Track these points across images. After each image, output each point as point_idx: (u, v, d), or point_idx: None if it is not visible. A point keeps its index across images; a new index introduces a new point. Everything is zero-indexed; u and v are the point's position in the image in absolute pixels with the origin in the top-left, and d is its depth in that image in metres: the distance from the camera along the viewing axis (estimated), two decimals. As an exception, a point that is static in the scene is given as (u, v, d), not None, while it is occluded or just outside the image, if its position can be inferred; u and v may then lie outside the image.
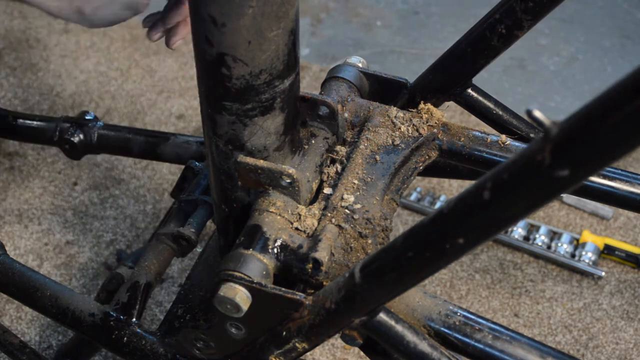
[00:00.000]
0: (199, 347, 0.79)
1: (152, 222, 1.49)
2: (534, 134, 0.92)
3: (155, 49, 1.88)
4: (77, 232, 1.47)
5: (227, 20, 0.61)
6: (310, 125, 0.81)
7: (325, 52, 1.95)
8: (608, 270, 1.42)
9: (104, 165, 1.59)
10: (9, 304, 1.35)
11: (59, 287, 0.94)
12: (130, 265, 0.99)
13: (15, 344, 1.07)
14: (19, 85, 1.77)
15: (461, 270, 1.42)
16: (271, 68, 0.66)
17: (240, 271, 0.68)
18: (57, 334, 1.31)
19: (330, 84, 0.88)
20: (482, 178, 0.49)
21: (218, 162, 0.75)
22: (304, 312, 0.69)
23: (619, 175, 0.83)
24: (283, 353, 0.74)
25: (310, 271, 0.70)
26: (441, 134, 0.84)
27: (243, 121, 0.69)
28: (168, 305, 1.35)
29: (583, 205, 1.52)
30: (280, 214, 0.73)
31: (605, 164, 0.43)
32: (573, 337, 1.32)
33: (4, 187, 1.55)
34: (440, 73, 0.90)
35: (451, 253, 0.54)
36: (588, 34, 1.99)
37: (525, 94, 1.82)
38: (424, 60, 1.90)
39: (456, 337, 0.68)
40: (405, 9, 2.08)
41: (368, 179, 0.78)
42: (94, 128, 1.22)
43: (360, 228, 0.73)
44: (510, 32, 0.82)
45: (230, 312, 0.70)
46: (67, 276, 1.40)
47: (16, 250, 1.43)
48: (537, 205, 0.47)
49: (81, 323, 0.90)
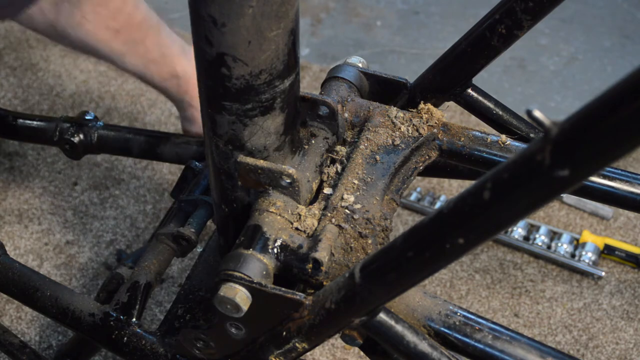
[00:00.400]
0: (199, 347, 0.79)
1: (152, 222, 1.49)
2: (534, 134, 0.92)
3: (155, 49, 1.88)
4: (77, 232, 1.47)
5: (227, 20, 0.61)
6: (310, 125, 0.81)
7: (325, 52, 1.95)
8: (608, 270, 1.42)
9: (104, 165, 1.59)
10: (9, 304, 1.35)
11: (59, 287, 0.94)
12: (130, 265, 0.98)
13: (15, 344, 1.07)
14: (19, 85, 1.77)
15: (461, 270, 1.42)
16: (271, 68, 0.66)
17: (240, 271, 0.68)
18: (57, 334, 1.31)
19: (330, 84, 0.88)
20: (482, 178, 0.49)
21: (218, 162, 0.75)
22: (304, 312, 0.69)
23: (619, 175, 0.83)
24: (283, 353, 0.74)
25: (310, 271, 0.70)
26: (441, 134, 0.84)
27: (243, 121, 0.69)
28: (168, 305, 1.35)
29: (583, 205, 1.52)
30: (281, 214, 0.73)
31: (605, 164, 0.43)
32: (573, 337, 1.32)
33: (4, 187, 1.55)
34: (440, 73, 0.90)
35: (451, 253, 0.54)
36: (588, 34, 1.99)
37: (525, 94, 1.82)
38: (424, 60, 1.90)
39: (456, 337, 0.68)
40: (405, 9, 2.08)
41: (368, 179, 0.78)
42: (94, 128, 1.22)
43: (360, 228, 0.73)
44: (510, 32, 0.82)
45: (230, 312, 0.70)
46: (67, 276, 1.40)
47: (16, 250, 1.43)
48: (537, 205, 0.47)
49: (81, 323, 0.90)
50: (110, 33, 1.09)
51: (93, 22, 1.07)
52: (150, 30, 1.13)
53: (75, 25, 1.07)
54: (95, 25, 1.08)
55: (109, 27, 1.09)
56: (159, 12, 1.44)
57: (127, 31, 1.10)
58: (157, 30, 1.14)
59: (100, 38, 1.10)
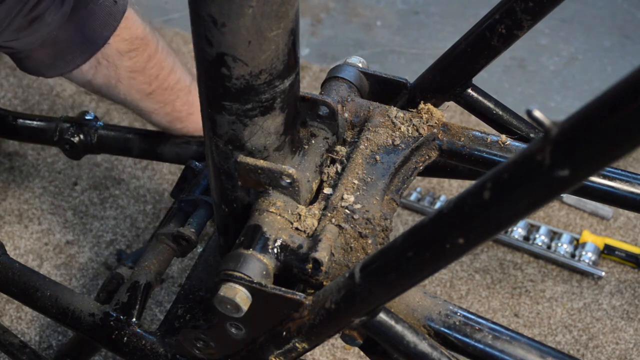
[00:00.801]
0: (199, 347, 0.79)
1: (152, 222, 1.49)
2: (534, 134, 0.92)
3: (155, 49, 1.88)
4: (77, 232, 1.47)
5: (227, 20, 0.61)
6: (310, 125, 0.81)
7: (325, 52, 1.95)
8: (608, 270, 1.42)
9: (104, 165, 1.59)
10: (9, 304, 1.35)
11: (59, 287, 0.94)
12: (130, 265, 0.99)
13: (15, 344, 1.07)
14: (19, 85, 1.77)
15: (461, 270, 1.42)
16: (271, 68, 0.66)
17: (240, 271, 0.68)
18: (57, 334, 1.31)
19: (330, 84, 0.88)
20: (482, 178, 0.49)
21: (218, 162, 0.75)
22: (304, 312, 0.69)
23: (619, 175, 0.83)
24: (283, 353, 0.74)
25: (310, 271, 0.70)
26: (441, 134, 0.84)
27: (243, 121, 0.69)
28: (168, 305, 1.35)
29: (583, 205, 1.52)
30: (281, 214, 0.73)
31: (605, 164, 0.43)
32: (573, 337, 1.32)
33: (4, 187, 1.55)
34: (440, 73, 0.90)
35: (451, 253, 0.54)
36: (588, 34, 1.99)
37: (525, 94, 1.82)
38: (424, 60, 1.90)
39: (456, 337, 0.68)
40: (405, 9, 2.08)
41: (368, 179, 0.78)
42: (94, 128, 1.22)
43: (360, 228, 0.73)
44: (510, 32, 0.82)
45: (230, 312, 0.70)
46: (67, 276, 1.40)
47: (16, 250, 1.43)
48: (537, 205, 0.47)
49: (81, 323, 0.90)
50: (142, 95, 1.13)
51: (127, 86, 1.11)
52: (181, 92, 1.16)
53: (111, 87, 1.11)
54: (130, 88, 1.12)
55: (140, 90, 1.12)
56: (159, 12, 1.44)
57: (159, 94, 1.14)
58: (187, 91, 1.17)
59: (132, 99, 1.14)
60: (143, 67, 1.10)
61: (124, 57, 1.07)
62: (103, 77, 1.10)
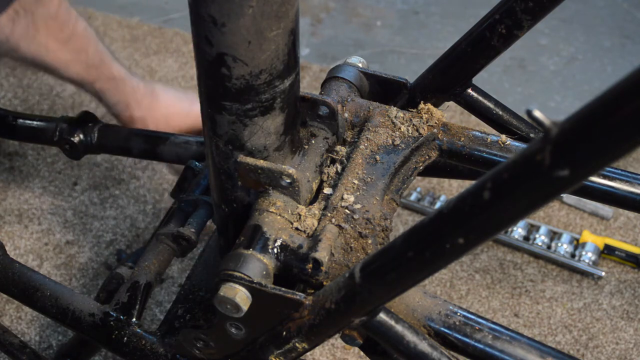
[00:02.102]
0: (199, 347, 0.79)
1: (152, 222, 1.49)
2: (534, 134, 0.92)
3: (155, 49, 1.88)
4: (77, 232, 1.47)
5: (227, 20, 0.61)
6: (310, 125, 0.81)
7: (325, 52, 1.95)
8: (608, 270, 1.42)
9: (104, 165, 1.59)
10: (9, 304, 1.35)
11: (59, 287, 0.94)
12: (130, 265, 0.99)
13: (15, 344, 1.07)
14: (19, 85, 1.77)
15: (461, 270, 1.42)
16: (271, 68, 0.66)
17: (240, 271, 0.68)
18: (57, 334, 1.31)
19: (330, 84, 0.88)
20: (482, 178, 0.49)
21: (218, 162, 0.75)
22: (304, 312, 0.69)
23: (619, 175, 0.83)
24: (283, 353, 0.74)
25: (310, 271, 0.70)
26: (441, 134, 0.84)
27: (243, 121, 0.69)
28: (168, 305, 1.35)
29: (583, 205, 1.52)
30: (281, 214, 0.73)
31: (605, 164, 0.43)
32: (573, 337, 1.32)
33: (4, 187, 1.55)
34: (440, 73, 0.90)
35: (451, 253, 0.54)
36: (588, 34, 1.99)
37: (525, 94, 1.82)
38: (424, 60, 1.90)
39: (456, 337, 0.68)
40: (405, 9, 2.08)
41: (368, 179, 0.78)
42: (94, 128, 1.22)
43: (360, 228, 0.73)
44: (510, 32, 0.82)
45: (230, 312, 0.70)
46: (67, 276, 1.40)
47: (16, 250, 1.43)
48: (537, 205, 0.47)
49: (81, 323, 0.90)
50: (59, 43, 1.20)
51: (45, 34, 1.18)
52: (90, 39, 1.24)
53: (29, 38, 1.18)
54: (47, 37, 1.18)
55: (58, 38, 1.19)
56: (159, 12, 1.44)
57: (73, 41, 1.21)
58: (95, 39, 1.25)
59: (50, 48, 1.20)
60: (56, 13, 1.17)
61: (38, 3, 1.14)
62: (21, 29, 1.15)
